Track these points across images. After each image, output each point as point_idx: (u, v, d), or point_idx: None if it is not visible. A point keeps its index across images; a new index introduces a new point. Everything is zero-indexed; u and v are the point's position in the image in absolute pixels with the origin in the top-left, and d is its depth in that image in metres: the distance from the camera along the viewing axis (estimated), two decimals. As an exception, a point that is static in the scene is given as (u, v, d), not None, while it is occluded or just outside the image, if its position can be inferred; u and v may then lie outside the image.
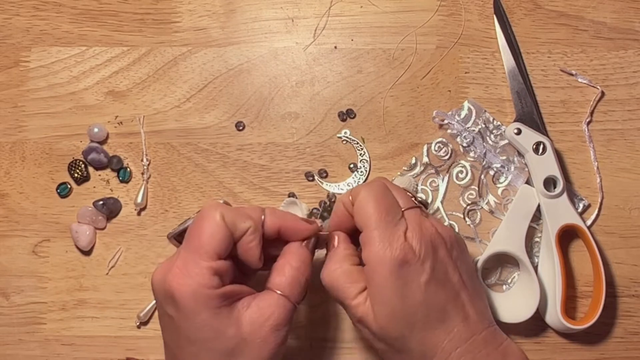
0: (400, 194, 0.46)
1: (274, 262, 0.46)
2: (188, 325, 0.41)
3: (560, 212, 0.53)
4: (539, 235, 0.54)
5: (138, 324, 0.54)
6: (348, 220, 0.47)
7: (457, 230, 0.55)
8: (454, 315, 0.43)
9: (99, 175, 0.56)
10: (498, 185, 0.56)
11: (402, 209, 0.44)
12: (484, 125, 0.56)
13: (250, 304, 0.43)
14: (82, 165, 0.56)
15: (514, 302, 0.52)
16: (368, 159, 0.56)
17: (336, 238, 0.47)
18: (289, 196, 0.55)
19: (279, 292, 0.44)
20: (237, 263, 0.45)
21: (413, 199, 0.46)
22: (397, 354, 0.44)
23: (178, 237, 0.49)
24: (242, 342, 0.42)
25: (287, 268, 0.45)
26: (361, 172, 0.56)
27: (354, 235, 0.47)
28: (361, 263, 0.45)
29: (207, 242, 0.42)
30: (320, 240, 0.48)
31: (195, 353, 0.42)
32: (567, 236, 0.55)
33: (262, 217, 0.45)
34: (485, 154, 0.56)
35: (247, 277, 0.47)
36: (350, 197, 0.46)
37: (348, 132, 0.56)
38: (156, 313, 0.51)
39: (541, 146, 0.54)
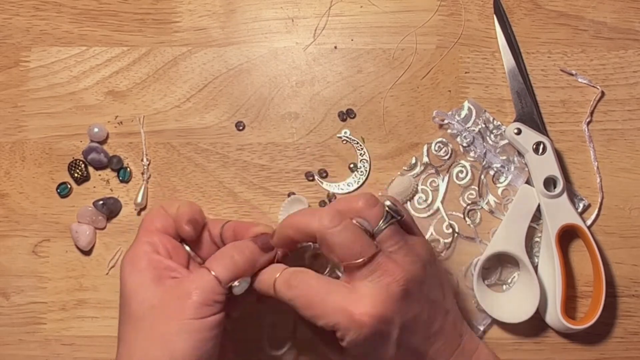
0: (359, 239, 0.43)
1: None
2: (122, 288, 0.45)
3: (560, 212, 0.53)
4: (539, 235, 0.54)
5: (138, 324, 0.54)
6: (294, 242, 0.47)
7: (457, 230, 0.55)
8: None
9: (99, 175, 0.56)
10: (498, 185, 0.56)
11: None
12: (484, 125, 0.56)
13: (180, 279, 0.45)
14: (82, 165, 0.56)
15: (514, 302, 0.52)
16: (368, 159, 0.56)
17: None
18: (289, 196, 0.55)
19: (212, 272, 0.44)
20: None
21: (386, 218, 0.44)
22: None
23: None
24: (159, 307, 0.43)
25: (224, 251, 0.46)
26: (361, 172, 0.56)
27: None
28: None
29: (148, 222, 0.47)
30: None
31: (122, 321, 0.45)
32: (567, 236, 0.55)
33: (222, 226, 0.49)
34: (485, 154, 0.56)
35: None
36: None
37: (348, 132, 0.56)
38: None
39: (541, 146, 0.54)
